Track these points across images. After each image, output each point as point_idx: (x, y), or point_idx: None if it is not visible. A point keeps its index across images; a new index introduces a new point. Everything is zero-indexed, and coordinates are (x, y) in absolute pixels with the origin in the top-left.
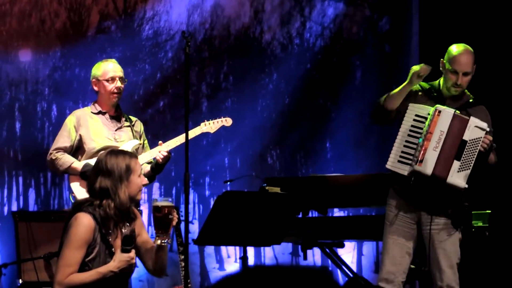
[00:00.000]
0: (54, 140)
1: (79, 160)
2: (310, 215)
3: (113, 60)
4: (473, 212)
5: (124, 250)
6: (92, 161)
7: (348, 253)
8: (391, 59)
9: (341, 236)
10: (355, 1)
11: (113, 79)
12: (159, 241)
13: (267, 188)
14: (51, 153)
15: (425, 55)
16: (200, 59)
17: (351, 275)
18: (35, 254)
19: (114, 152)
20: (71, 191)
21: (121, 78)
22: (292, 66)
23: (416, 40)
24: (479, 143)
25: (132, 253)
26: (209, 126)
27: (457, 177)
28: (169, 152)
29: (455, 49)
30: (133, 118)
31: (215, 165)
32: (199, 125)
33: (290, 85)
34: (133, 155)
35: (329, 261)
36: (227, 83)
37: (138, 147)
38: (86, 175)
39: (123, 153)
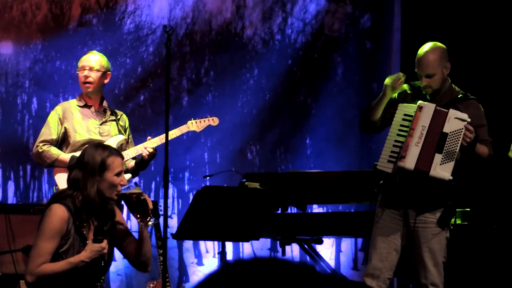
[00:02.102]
0: (40, 133)
1: (64, 153)
2: (289, 211)
3: (94, 52)
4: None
5: (95, 240)
6: (78, 154)
7: (326, 249)
8: (373, 56)
9: (319, 232)
10: None
11: (83, 68)
12: (142, 224)
13: (246, 183)
14: (37, 146)
15: (407, 52)
16: (181, 53)
17: (329, 271)
18: (13, 247)
19: (97, 145)
20: (55, 184)
21: (91, 68)
22: (273, 62)
23: (398, 37)
24: (460, 134)
25: (104, 244)
26: (196, 125)
27: (440, 170)
28: (155, 148)
29: (420, 50)
30: (119, 112)
31: (194, 160)
32: (186, 123)
33: (271, 81)
34: (116, 152)
35: (308, 257)
36: (208, 78)
37: (123, 142)
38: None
39: (104, 147)
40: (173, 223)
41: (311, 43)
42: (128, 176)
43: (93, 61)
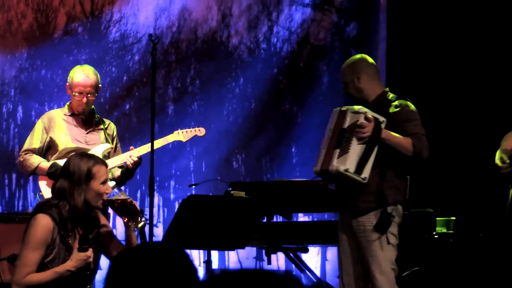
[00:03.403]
0: (25, 142)
1: (49, 161)
2: (274, 219)
3: (89, 70)
4: (437, 218)
5: (81, 249)
6: (61, 162)
7: (312, 258)
8: None
9: (305, 241)
10: (322, 6)
11: (80, 92)
12: (132, 226)
13: (232, 192)
14: (20, 155)
15: (393, 61)
16: (167, 62)
17: (314, 280)
18: None
19: (81, 154)
20: (38, 190)
21: (90, 93)
22: (258, 71)
23: (384, 45)
24: (356, 127)
25: (89, 252)
26: (182, 135)
27: (337, 163)
28: (139, 157)
29: None
30: (107, 121)
31: (180, 169)
32: (172, 132)
33: (257, 90)
34: (101, 161)
35: (293, 266)
36: (193, 87)
37: (110, 151)
38: (54, 175)
39: (89, 157)
40: (159, 232)
41: (296, 52)
42: (112, 183)
43: (90, 86)
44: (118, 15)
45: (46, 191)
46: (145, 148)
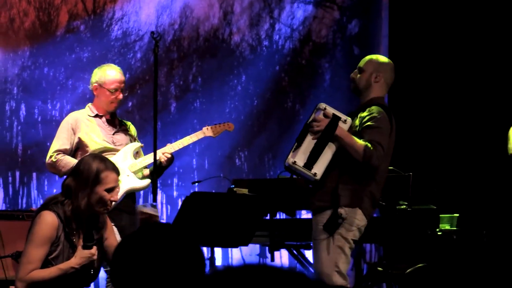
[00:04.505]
0: (52, 143)
1: None
2: (278, 217)
3: (118, 68)
4: (441, 215)
5: (85, 247)
6: None
7: None
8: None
9: (308, 238)
10: (324, 3)
11: (116, 90)
12: None
13: (235, 189)
14: (51, 156)
15: (395, 57)
16: (169, 60)
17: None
18: (2, 253)
19: (95, 156)
20: None
21: (123, 89)
22: (260, 68)
23: (386, 42)
24: (312, 121)
25: (94, 250)
26: (211, 131)
27: (291, 156)
28: (172, 154)
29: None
30: (128, 123)
31: (183, 166)
32: (201, 129)
33: (259, 87)
34: (112, 167)
35: (297, 263)
36: (195, 84)
37: (139, 150)
38: None
39: (102, 160)
40: None
41: (298, 49)
42: (147, 181)
43: (124, 82)
44: (120, 13)
45: None
46: (177, 145)
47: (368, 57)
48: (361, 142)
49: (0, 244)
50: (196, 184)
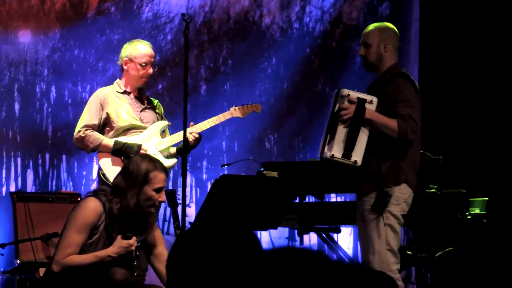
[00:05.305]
0: (81, 117)
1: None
2: (307, 200)
3: (148, 43)
4: (470, 199)
5: (124, 237)
6: (122, 139)
7: (344, 238)
8: None
9: (337, 221)
10: None
11: (147, 64)
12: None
13: (264, 172)
14: (79, 131)
15: (426, 41)
16: (199, 42)
17: (347, 260)
18: (32, 235)
19: (144, 156)
20: (99, 168)
21: (153, 64)
22: (291, 51)
23: (417, 25)
24: (339, 110)
25: (132, 241)
26: (239, 111)
27: (327, 149)
28: (200, 134)
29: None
30: (155, 100)
31: (212, 149)
32: (229, 109)
33: (289, 70)
34: (161, 168)
35: (326, 246)
36: (226, 67)
37: (166, 129)
38: (119, 152)
39: (151, 160)
40: (191, 212)
41: (329, 32)
42: (173, 160)
43: (154, 57)
44: None
45: (108, 171)
46: (204, 125)
47: (368, 30)
48: (393, 120)
49: (30, 227)
50: (226, 167)
